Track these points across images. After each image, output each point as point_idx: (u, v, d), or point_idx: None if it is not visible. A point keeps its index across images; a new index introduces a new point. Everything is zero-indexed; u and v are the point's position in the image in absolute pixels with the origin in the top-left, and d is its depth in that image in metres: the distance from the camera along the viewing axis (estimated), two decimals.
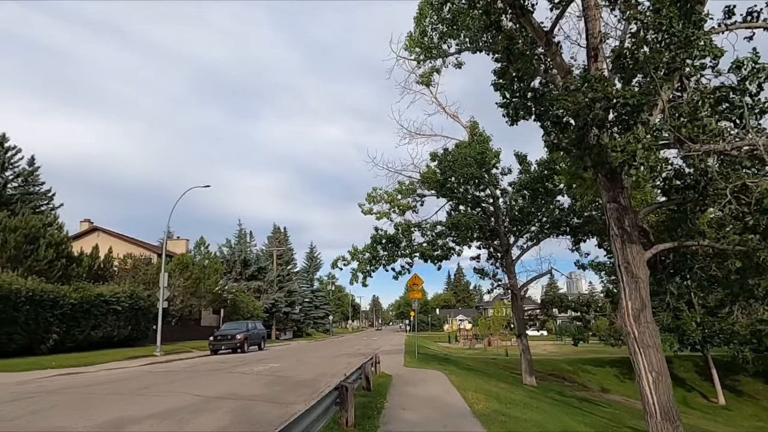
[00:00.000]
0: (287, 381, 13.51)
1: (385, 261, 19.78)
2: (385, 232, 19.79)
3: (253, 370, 16.51)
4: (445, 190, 18.85)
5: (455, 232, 17.65)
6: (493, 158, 18.83)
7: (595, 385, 24.63)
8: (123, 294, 25.40)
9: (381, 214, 20.30)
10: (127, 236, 38.44)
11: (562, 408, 11.89)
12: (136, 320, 26.90)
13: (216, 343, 26.79)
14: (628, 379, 26.03)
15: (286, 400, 10.20)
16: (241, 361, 20.62)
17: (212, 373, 15.39)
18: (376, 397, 9.34)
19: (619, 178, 10.02)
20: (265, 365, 18.13)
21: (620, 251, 9.80)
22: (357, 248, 19.72)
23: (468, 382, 12.63)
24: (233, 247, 50.14)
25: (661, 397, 9.25)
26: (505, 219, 20.69)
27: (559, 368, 26.65)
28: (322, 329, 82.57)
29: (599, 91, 7.98)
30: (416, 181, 20.74)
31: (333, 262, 19.81)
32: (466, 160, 17.28)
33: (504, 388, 13.46)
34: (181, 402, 9.65)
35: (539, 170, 17.45)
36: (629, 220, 9.84)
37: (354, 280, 19.70)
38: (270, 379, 13.95)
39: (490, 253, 21.31)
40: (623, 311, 9.74)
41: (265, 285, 50.57)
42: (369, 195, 20.72)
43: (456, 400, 9.18)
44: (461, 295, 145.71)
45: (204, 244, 37.48)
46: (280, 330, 57.15)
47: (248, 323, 29.73)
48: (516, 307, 19.79)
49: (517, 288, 19.91)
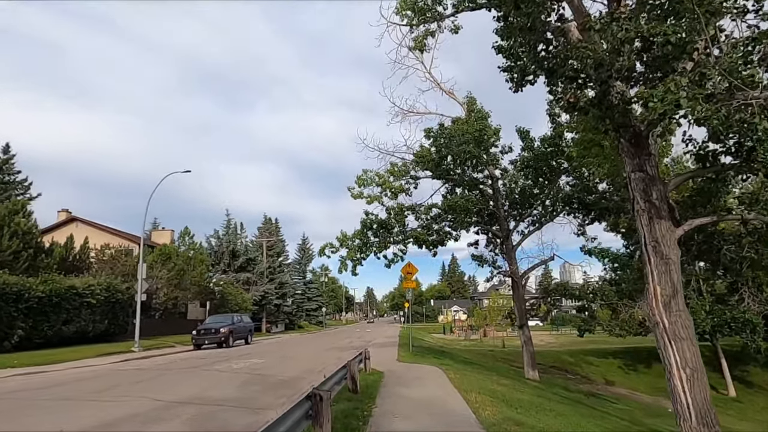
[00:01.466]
0: (267, 380, 12.11)
1: (376, 248, 18.33)
2: (376, 216, 18.33)
3: (232, 367, 15.09)
4: (440, 170, 17.40)
5: (452, 215, 16.23)
6: (493, 136, 17.38)
7: (598, 378, 23.47)
8: (98, 286, 23.82)
9: (372, 198, 18.80)
10: (108, 227, 36.75)
11: (574, 408, 10.59)
12: (113, 314, 25.35)
13: (199, 337, 25.32)
14: (632, 370, 24.92)
15: (260, 404, 8.79)
16: (223, 356, 19.19)
17: (186, 371, 13.95)
18: (363, 402, 7.93)
19: (646, 144, 8.61)
20: (247, 361, 16.71)
21: (647, 228, 8.41)
22: (346, 234, 18.27)
23: (469, 380, 11.28)
24: (221, 238, 48.49)
25: (697, 398, 7.93)
26: (505, 203, 19.29)
27: (561, 360, 25.47)
28: (315, 322, 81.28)
29: (631, 30, 6.53)
30: (409, 163, 19.27)
31: (320, 249, 18.34)
32: (464, 137, 15.83)
33: (508, 386, 12.12)
34: (135, 409, 8.21)
35: (543, 147, 16.01)
36: (657, 191, 8.45)
37: (343, 268, 18.26)
38: (248, 377, 12.54)
39: (489, 238, 19.92)
40: (651, 298, 8.37)
41: (255, 277, 49.03)
42: (359, 178, 19.22)
43: (458, 404, 7.79)
44: (456, 286, 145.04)
45: (189, 234, 35.85)
46: (271, 323, 55.72)
47: (234, 316, 28.27)
48: (517, 296, 18.46)
49: (518, 275, 18.57)
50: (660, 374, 25.76)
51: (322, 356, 19.34)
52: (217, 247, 48.05)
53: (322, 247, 18.34)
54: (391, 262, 18.98)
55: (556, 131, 15.73)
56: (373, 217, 18.29)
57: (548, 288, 18.51)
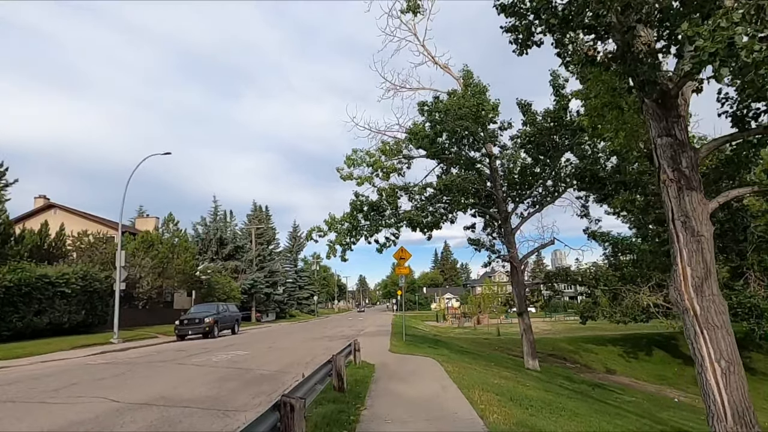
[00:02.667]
0: (247, 375, 11.01)
1: (367, 232, 17.18)
2: (367, 198, 17.15)
3: (212, 360, 13.98)
4: (435, 148, 16.21)
5: (448, 196, 15.09)
6: (491, 111, 16.20)
7: (599, 366, 22.67)
8: (73, 275, 22.51)
9: (362, 179, 17.59)
10: (88, 213, 35.25)
11: (587, 405, 9.61)
12: (91, 304, 24.07)
13: (182, 327, 24.18)
14: (633, 358, 24.15)
15: (234, 404, 7.70)
16: (205, 348, 18.07)
17: (160, 366, 12.81)
18: (350, 403, 6.84)
19: (674, 104, 7.49)
20: (229, 353, 15.61)
21: (675, 201, 7.32)
22: (334, 217, 17.07)
23: (468, 373, 10.23)
24: (208, 226, 47.06)
25: (734, 394, 6.90)
26: (503, 183, 18.18)
27: (559, 348, 24.64)
28: (306, 310, 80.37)
29: None
30: (402, 141, 18.06)
31: (307, 233, 17.13)
32: (460, 111, 14.64)
33: (511, 379, 11.11)
34: (85, 413, 7.07)
35: (546, 122, 14.86)
36: (688, 159, 7.35)
37: (331, 253, 17.09)
38: (226, 372, 11.43)
39: (487, 221, 18.85)
40: (679, 280, 7.31)
41: (244, 265, 47.78)
42: (348, 157, 17.97)
43: (460, 405, 6.72)
44: (448, 274, 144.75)
45: (173, 220, 34.44)
46: (262, 312, 54.64)
47: (219, 305, 27.08)
48: (516, 282, 17.44)
49: (518, 260, 17.53)
50: (661, 362, 25.30)
51: (310, 346, 18.29)
52: (204, 234, 46.66)
53: (309, 231, 17.15)
54: (382, 246, 17.85)
55: (560, 104, 14.58)
56: (364, 198, 17.11)
57: (549, 273, 17.51)
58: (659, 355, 24.29)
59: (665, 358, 24.04)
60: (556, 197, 17.26)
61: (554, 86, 14.56)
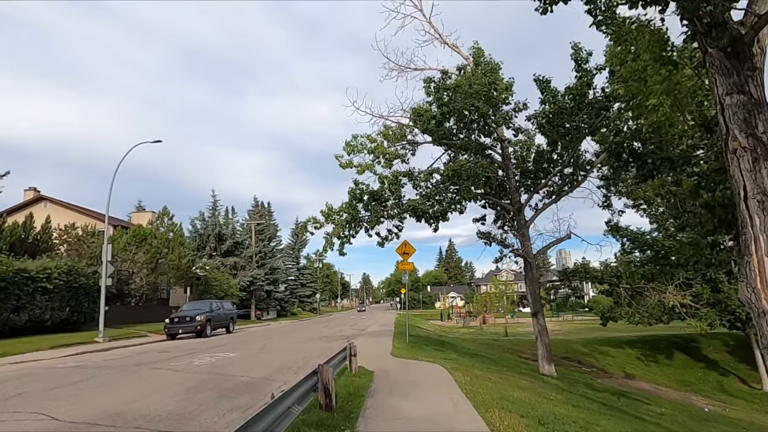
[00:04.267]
0: (226, 383, 9.59)
1: (367, 223, 15.71)
2: (368, 186, 15.67)
3: (194, 363, 12.57)
4: (441, 132, 14.70)
5: (456, 182, 13.55)
6: (504, 91, 14.68)
7: (616, 370, 21.12)
8: (56, 270, 21.18)
9: (363, 167, 16.09)
10: (80, 206, 33.97)
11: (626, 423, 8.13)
12: (76, 300, 22.75)
13: (172, 326, 22.82)
14: (652, 362, 22.57)
15: (197, 424, 6.27)
16: (191, 349, 16.68)
17: (132, 371, 11.40)
18: (337, 427, 5.38)
19: (749, 53, 5.97)
20: (214, 355, 14.20)
21: (749, 175, 5.80)
22: (332, 207, 15.59)
23: (482, 385, 8.75)
24: (206, 221, 45.69)
25: None
26: (516, 172, 16.64)
27: (573, 350, 23.11)
28: (309, 308, 79.00)
29: None
30: (406, 125, 16.57)
31: (302, 225, 15.66)
32: (471, 88, 13.13)
33: (530, 390, 9.63)
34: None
35: (567, 100, 13.24)
36: (766, 122, 5.83)
37: (328, 246, 15.64)
38: (204, 379, 10.02)
39: (498, 213, 17.34)
40: (753, 275, 5.80)
41: (243, 261, 46.40)
42: (348, 144, 16.48)
43: None
44: (453, 272, 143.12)
45: (168, 214, 33.08)
46: (262, 310, 53.31)
47: (212, 302, 25.71)
48: (530, 279, 15.93)
49: (532, 255, 16.02)
50: (683, 366, 23.71)
51: (306, 347, 16.88)
52: (203, 229, 45.29)
53: (304, 222, 15.66)
54: (384, 240, 16.37)
55: (582, 80, 13.01)
56: (364, 187, 15.62)
57: (567, 270, 16.00)
58: (680, 359, 22.72)
59: (687, 361, 22.46)
60: (575, 186, 15.72)
61: (576, 60, 12.98)
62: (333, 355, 7.72)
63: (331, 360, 6.90)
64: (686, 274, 18.45)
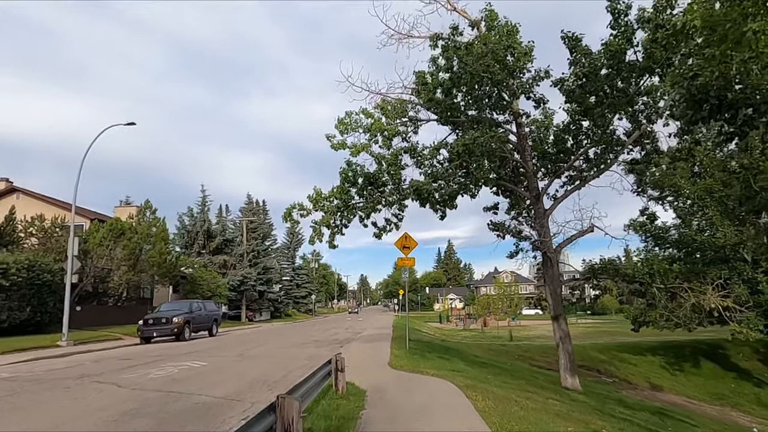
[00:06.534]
0: (175, 404, 7.39)
1: (362, 210, 13.50)
2: (362, 167, 13.47)
3: (148, 376, 10.33)
4: (449, 103, 12.53)
5: (469, 159, 11.31)
6: (522, 56, 12.54)
7: (640, 381, 18.94)
8: (15, 265, 18.94)
9: (358, 148, 13.88)
10: (57, 199, 31.67)
11: None
12: (39, 299, 20.51)
13: (147, 328, 20.61)
14: (678, 371, 20.36)
15: None
16: (158, 356, 14.43)
17: (66, 385, 9.17)
18: None
19: None
20: (178, 365, 11.95)
21: None
22: (320, 192, 13.36)
23: (510, 413, 6.56)
24: (195, 216, 43.38)
25: None
26: (534, 154, 14.44)
27: (589, 357, 20.93)
28: (304, 309, 76.68)
29: None
30: (407, 101, 14.37)
31: (286, 213, 13.39)
32: (486, 47, 10.97)
33: (568, 415, 7.44)
34: None
35: (604, 60, 11.01)
36: None
37: (317, 238, 13.41)
38: (149, 399, 7.80)
39: (512, 201, 15.14)
40: None
41: (234, 260, 44.11)
42: (341, 121, 14.24)
43: None
44: (452, 273, 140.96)
45: (150, 208, 30.84)
46: (255, 311, 50.98)
47: (193, 303, 23.48)
48: (550, 277, 13.75)
49: (552, 249, 13.85)
50: (713, 375, 21.51)
51: (292, 354, 14.68)
52: (191, 226, 42.98)
53: (288, 210, 13.39)
54: (381, 231, 14.17)
55: (620, 38, 10.80)
56: (358, 168, 13.41)
57: (595, 267, 13.86)
58: (708, 368, 20.54)
59: (716, 371, 20.29)
60: (603, 170, 13.52)
61: (613, 12, 10.78)
62: (308, 375, 5.51)
63: (301, 386, 4.70)
64: (720, 273, 16.34)
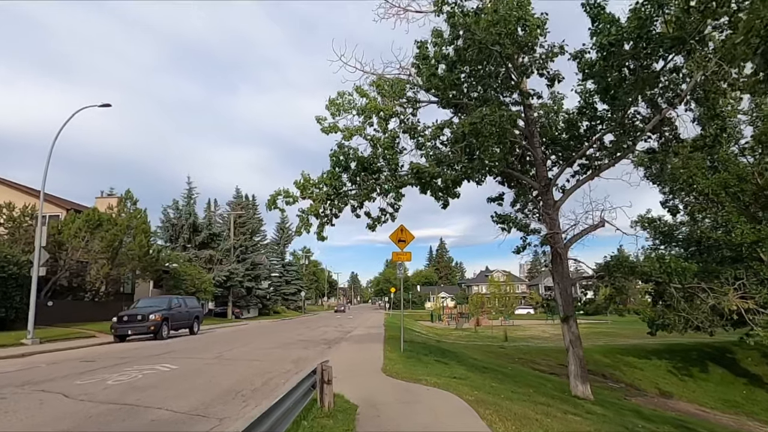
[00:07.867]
0: (126, 422, 6.06)
1: (354, 199, 12.20)
2: (356, 150, 12.16)
3: (105, 382, 8.96)
4: (452, 81, 11.26)
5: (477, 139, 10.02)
6: (535, 29, 11.32)
7: (648, 386, 17.84)
8: None
9: (351, 131, 12.58)
10: (29, 188, 29.95)
11: None
12: (5, 293, 18.98)
13: (121, 326, 19.16)
14: (687, 376, 19.30)
15: None
16: (125, 357, 13.03)
17: (2, 395, 7.78)
18: None
19: None
20: (145, 368, 10.58)
21: None
22: (308, 178, 12.04)
23: None
24: (180, 209, 41.76)
25: None
26: (544, 141, 13.20)
27: (594, 361, 19.76)
28: (293, 306, 75.15)
29: None
30: (405, 81, 13.06)
31: (270, 200, 12.04)
32: (497, 14, 9.72)
33: None
34: None
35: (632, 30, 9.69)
36: None
37: (304, 228, 12.08)
38: (96, 414, 6.46)
39: (519, 192, 13.90)
40: None
41: (220, 254, 42.57)
42: (332, 102, 12.89)
43: None
44: (443, 272, 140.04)
45: (132, 198, 29.29)
46: (242, 307, 49.44)
47: (173, 299, 22.03)
48: (559, 274, 12.56)
49: (562, 244, 12.66)
50: (722, 381, 20.46)
51: (275, 357, 13.35)
52: (176, 219, 41.36)
53: (272, 197, 12.02)
54: (376, 222, 12.86)
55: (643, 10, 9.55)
56: (351, 151, 12.09)
57: (610, 264, 12.67)
58: (717, 373, 19.51)
59: (725, 376, 19.26)
60: (620, 157, 12.33)
61: None
62: (282, 396, 4.19)
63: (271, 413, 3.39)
64: (735, 273, 15.28)
